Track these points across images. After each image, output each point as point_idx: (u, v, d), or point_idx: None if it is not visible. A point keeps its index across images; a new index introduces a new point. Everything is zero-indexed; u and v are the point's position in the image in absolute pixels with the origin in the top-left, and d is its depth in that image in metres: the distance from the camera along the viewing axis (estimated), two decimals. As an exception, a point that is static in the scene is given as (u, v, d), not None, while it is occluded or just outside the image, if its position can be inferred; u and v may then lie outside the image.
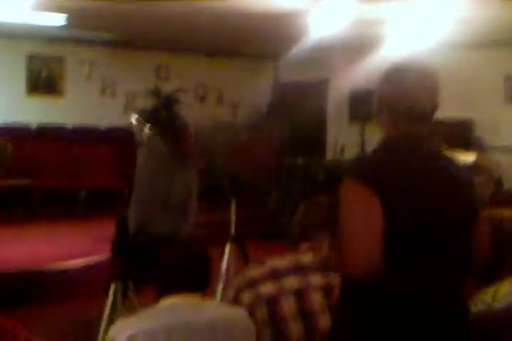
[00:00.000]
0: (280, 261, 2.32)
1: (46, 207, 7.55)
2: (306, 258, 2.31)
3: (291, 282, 2.24)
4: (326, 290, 2.24)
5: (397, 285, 1.71)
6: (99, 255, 5.24)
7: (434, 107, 1.82)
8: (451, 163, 1.86)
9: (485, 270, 2.07)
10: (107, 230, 4.45)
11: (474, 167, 6.38)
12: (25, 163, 7.97)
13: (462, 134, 8.36)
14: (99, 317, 3.40)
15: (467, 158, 6.58)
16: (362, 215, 1.68)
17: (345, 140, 9.86)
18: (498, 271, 2.28)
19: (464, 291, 1.86)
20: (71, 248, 5.76)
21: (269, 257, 2.39)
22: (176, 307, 2.10)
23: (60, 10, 7.23)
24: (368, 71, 8.89)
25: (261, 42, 9.24)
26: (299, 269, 2.27)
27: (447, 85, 2.28)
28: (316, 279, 2.26)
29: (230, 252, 3.86)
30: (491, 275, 2.35)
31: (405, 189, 1.71)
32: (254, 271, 2.33)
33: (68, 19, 7.67)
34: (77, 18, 7.71)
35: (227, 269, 3.78)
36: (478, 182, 2.15)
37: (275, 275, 2.27)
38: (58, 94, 9.74)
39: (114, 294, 3.28)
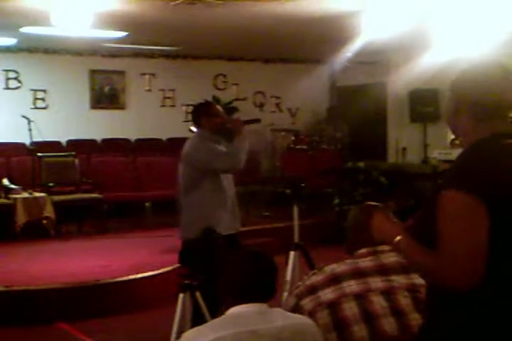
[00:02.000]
0: (339, 267, 2.33)
1: (113, 220, 7.70)
2: (365, 263, 2.32)
3: (351, 287, 2.26)
4: (387, 293, 2.25)
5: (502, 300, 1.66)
6: (167, 265, 5.31)
7: None
8: None
9: None
10: (174, 240, 4.53)
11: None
12: (91, 176, 8.15)
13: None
14: (169, 328, 3.45)
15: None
16: (468, 229, 1.63)
17: (406, 142, 9.72)
18: None
19: None
20: (139, 259, 5.84)
21: (328, 263, 2.40)
22: (244, 316, 2.11)
23: (120, 25, 7.42)
24: (426, 70, 8.76)
25: (316, 45, 9.22)
26: (358, 274, 2.29)
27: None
28: (375, 283, 2.27)
29: (294, 260, 3.84)
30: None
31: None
32: (313, 278, 2.35)
33: (129, 33, 7.88)
34: (137, 32, 7.90)
35: (292, 277, 3.76)
36: None
37: (335, 280, 2.29)
38: (120, 108, 9.99)
39: (183, 304, 3.31)
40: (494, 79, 1.74)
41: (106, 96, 9.92)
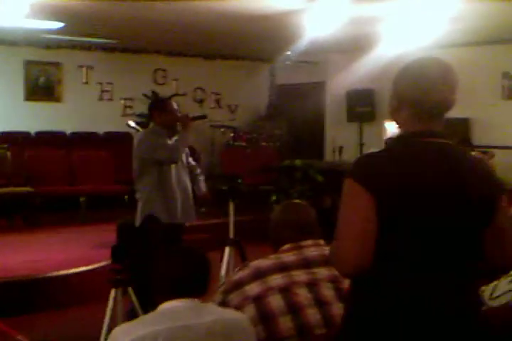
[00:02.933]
0: (263, 262, 2.39)
1: (46, 214, 7.52)
2: (288, 257, 2.39)
3: (276, 280, 2.32)
4: (311, 285, 2.32)
5: (395, 280, 1.70)
6: (101, 261, 5.23)
7: (454, 102, 1.78)
8: (466, 158, 1.80)
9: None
10: (108, 235, 4.47)
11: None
12: (24, 170, 7.95)
13: (458, 132, 8.34)
14: (101, 324, 3.39)
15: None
16: (352, 215, 1.68)
17: (343, 140, 9.87)
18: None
19: (474, 288, 1.84)
20: (72, 254, 5.74)
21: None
22: (176, 311, 2.11)
23: (56, 16, 7.25)
24: (364, 71, 8.93)
25: (257, 43, 9.26)
26: (282, 268, 2.36)
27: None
28: (299, 276, 2.34)
29: (229, 255, 3.86)
30: (490, 274, 2.36)
31: (405, 187, 1.68)
32: (238, 274, 2.41)
33: (65, 25, 7.70)
34: (74, 23, 7.73)
35: (227, 272, 3.78)
36: None
37: (260, 275, 2.35)
38: (56, 100, 9.75)
39: (115, 300, 3.27)
40: (433, 80, 1.74)
41: (41, 88, 9.65)
